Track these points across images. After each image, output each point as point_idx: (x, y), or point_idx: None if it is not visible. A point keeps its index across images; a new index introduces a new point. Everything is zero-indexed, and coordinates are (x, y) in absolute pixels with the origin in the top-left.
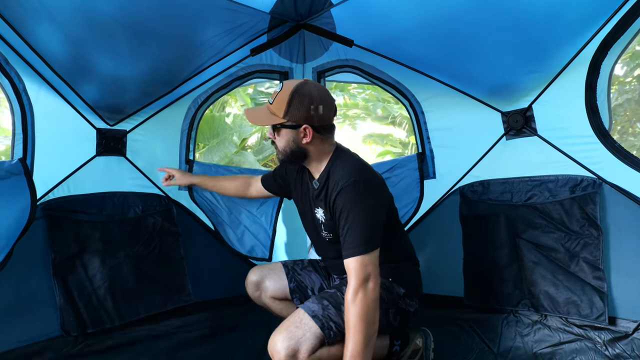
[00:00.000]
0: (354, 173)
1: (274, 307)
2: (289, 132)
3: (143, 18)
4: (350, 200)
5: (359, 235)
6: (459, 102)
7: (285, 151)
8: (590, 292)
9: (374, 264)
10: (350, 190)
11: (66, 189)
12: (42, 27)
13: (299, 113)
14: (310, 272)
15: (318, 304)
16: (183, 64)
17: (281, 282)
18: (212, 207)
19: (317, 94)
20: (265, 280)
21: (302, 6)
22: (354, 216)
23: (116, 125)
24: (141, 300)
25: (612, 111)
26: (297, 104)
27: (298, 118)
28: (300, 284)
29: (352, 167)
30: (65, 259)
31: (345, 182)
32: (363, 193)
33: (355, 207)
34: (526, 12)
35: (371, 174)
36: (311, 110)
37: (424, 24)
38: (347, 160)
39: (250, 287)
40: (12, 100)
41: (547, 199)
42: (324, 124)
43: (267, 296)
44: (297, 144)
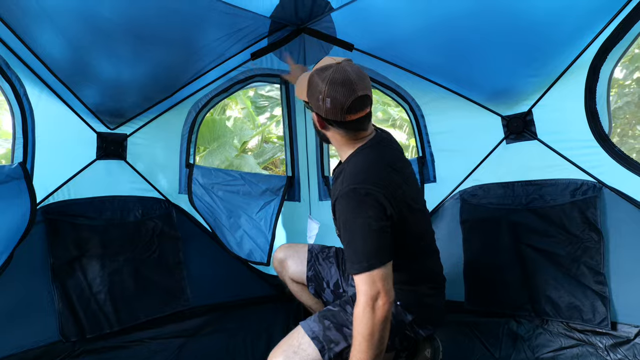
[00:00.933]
0: (356, 178)
1: (292, 287)
2: (312, 113)
3: (144, 23)
4: (347, 211)
5: (361, 251)
6: (459, 106)
7: (315, 126)
8: (592, 297)
9: (384, 279)
10: (346, 199)
11: (66, 193)
12: (43, 32)
13: (312, 98)
14: (332, 265)
15: (319, 324)
16: (184, 68)
17: (302, 266)
18: (212, 211)
19: (329, 86)
20: (288, 260)
21: (303, 10)
22: (353, 230)
23: (117, 129)
24: (140, 304)
25: (612, 114)
26: (313, 87)
27: (312, 103)
28: (318, 274)
29: (359, 170)
30: (64, 263)
31: (343, 189)
32: (360, 204)
33: (353, 220)
34: (525, 16)
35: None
36: (319, 100)
37: (423, 28)
38: (362, 161)
39: (275, 263)
40: (12, 104)
41: (547, 203)
42: (332, 118)
43: (288, 276)
44: (317, 125)
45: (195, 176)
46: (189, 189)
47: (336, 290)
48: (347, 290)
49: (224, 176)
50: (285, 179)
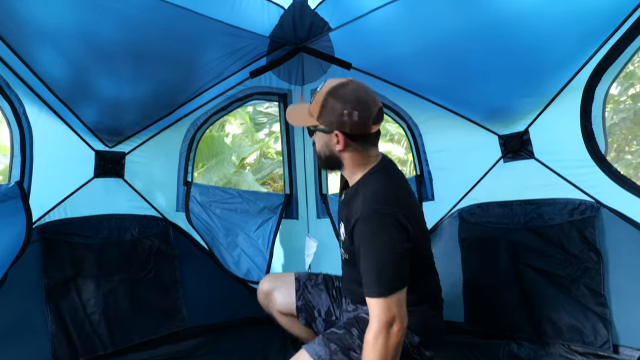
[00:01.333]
0: (377, 201)
1: (280, 320)
2: (323, 136)
3: (145, 42)
4: (368, 234)
5: (380, 276)
6: (456, 125)
7: (320, 156)
8: (594, 319)
9: (399, 305)
10: (368, 222)
11: (62, 212)
12: (44, 52)
13: (331, 117)
14: (321, 292)
15: (325, 348)
16: (183, 86)
17: (289, 297)
18: (209, 229)
19: (354, 98)
20: (274, 292)
21: (301, 30)
22: (373, 252)
23: (115, 147)
24: (135, 325)
25: (608, 130)
26: (330, 106)
27: (330, 122)
28: (308, 303)
29: (378, 192)
30: (58, 283)
31: (363, 211)
32: (382, 227)
33: (374, 243)
34: (520, 38)
35: (396, 205)
36: (344, 116)
37: (420, 48)
38: (377, 183)
39: (260, 296)
40: (11, 123)
41: (546, 223)
42: (358, 132)
43: (275, 309)
44: (331, 150)
45: (193, 194)
46: (186, 206)
47: (328, 318)
48: (341, 317)
49: (222, 194)
50: (283, 197)
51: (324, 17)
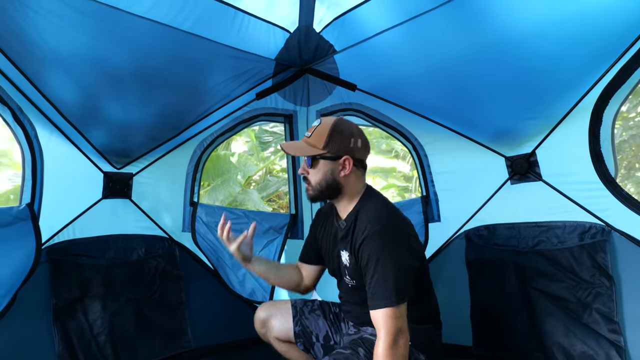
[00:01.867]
0: (384, 218)
1: (278, 348)
2: (327, 164)
3: (153, 67)
4: (379, 247)
5: (389, 287)
6: (462, 146)
7: (320, 184)
8: (607, 346)
9: (403, 316)
10: (379, 236)
11: (71, 232)
12: (55, 77)
13: (340, 145)
14: (318, 318)
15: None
16: (190, 109)
17: (286, 324)
18: (215, 249)
19: (355, 129)
20: (271, 319)
21: (307, 53)
22: (383, 265)
23: (123, 168)
24: (140, 346)
25: (617, 147)
26: (338, 136)
27: (339, 149)
28: (305, 328)
29: (382, 211)
30: (66, 304)
31: (373, 228)
32: (393, 240)
33: (385, 255)
34: (525, 60)
35: (401, 219)
36: (351, 143)
37: (425, 70)
38: (377, 203)
39: (257, 324)
40: (23, 146)
41: (555, 246)
42: (361, 158)
43: (272, 336)
44: (335, 176)
45: (199, 214)
46: (192, 227)
47: (326, 343)
48: (341, 341)
49: (228, 214)
50: (288, 217)
51: (329, 40)
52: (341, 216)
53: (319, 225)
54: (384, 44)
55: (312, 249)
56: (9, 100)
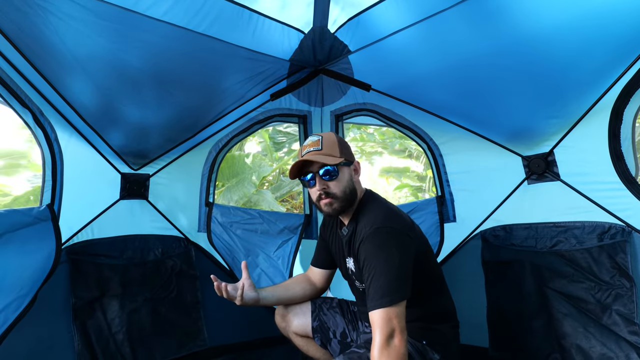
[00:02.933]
0: (378, 220)
1: (296, 342)
2: (347, 170)
3: (169, 70)
4: (373, 249)
5: (382, 286)
6: (477, 146)
7: (345, 192)
8: (627, 348)
9: (399, 317)
10: (373, 238)
11: (90, 233)
12: (75, 80)
13: (348, 151)
14: (336, 314)
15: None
16: (206, 110)
17: (305, 319)
18: (230, 249)
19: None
20: (290, 314)
21: (321, 53)
22: (377, 265)
23: (140, 169)
24: (157, 345)
25: (638, 146)
26: (344, 144)
27: (349, 155)
28: (323, 324)
29: (377, 213)
30: (85, 303)
31: (367, 231)
32: (385, 241)
33: (378, 256)
34: (543, 59)
35: (396, 220)
36: (351, 149)
37: (441, 69)
38: (373, 206)
39: (277, 318)
40: (44, 149)
41: (573, 247)
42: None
43: (291, 330)
44: (353, 181)
45: (214, 215)
46: (208, 227)
47: (343, 340)
48: (358, 339)
49: (243, 215)
50: (303, 217)
51: (343, 40)
52: (344, 223)
53: (327, 233)
54: (399, 43)
55: (323, 254)
56: (30, 103)
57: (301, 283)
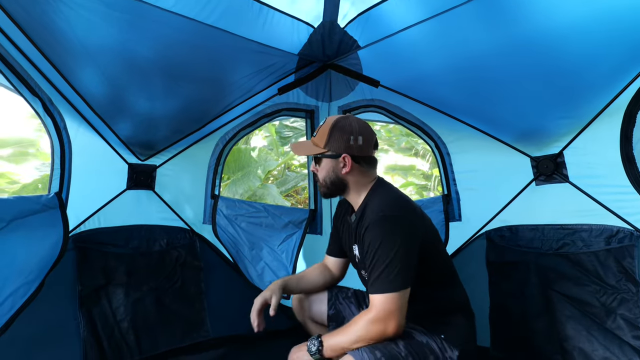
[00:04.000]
0: (384, 208)
1: (310, 328)
2: (329, 162)
3: (178, 61)
4: (377, 236)
5: (383, 272)
6: (486, 145)
7: (325, 182)
8: (630, 353)
9: (398, 306)
10: (377, 226)
11: (97, 222)
12: (84, 69)
13: (338, 143)
14: (351, 304)
15: (371, 354)
16: (213, 102)
17: (321, 306)
18: (234, 242)
19: (357, 127)
20: (307, 300)
21: (330, 48)
22: (380, 253)
23: (147, 160)
24: (161, 334)
25: None
26: (337, 134)
27: (338, 148)
28: (339, 312)
29: (384, 201)
30: (91, 291)
31: (373, 218)
32: (390, 229)
33: (382, 243)
34: (556, 58)
35: (404, 208)
36: (351, 141)
37: (451, 66)
38: (382, 194)
39: (294, 302)
40: (53, 137)
41: (580, 249)
42: (363, 154)
43: (307, 316)
44: (337, 174)
45: (219, 207)
46: (213, 219)
47: None
48: None
49: (248, 208)
50: (307, 212)
51: (353, 35)
52: (354, 210)
53: (339, 219)
54: (409, 40)
55: (337, 242)
56: (40, 91)
57: (322, 272)
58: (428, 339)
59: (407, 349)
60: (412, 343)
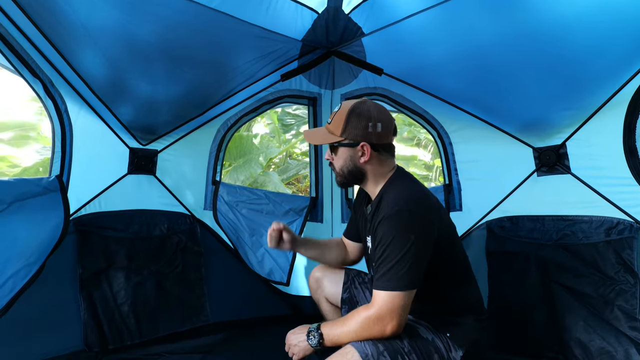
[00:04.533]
0: (400, 202)
1: (323, 307)
2: (346, 151)
3: (181, 45)
4: (390, 231)
5: (392, 269)
6: (488, 135)
7: (343, 171)
8: (626, 343)
9: (401, 305)
10: (392, 220)
11: (97, 205)
12: (85, 51)
13: (356, 131)
14: (366, 290)
15: (374, 347)
16: (215, 88)
17: (337, 287)
18: (235, 228)
19: (375, 112)
20: (325, 280)
21: (334, 34)
22: (392, 249)
23: (148, 145)
24: (161, 318)
25: None
26: (354, 121)
27: (356, 135)
28: (353, 297)
29: (401, 194)
30: (92, 274)
31: (388, 211)
32: (404, 225)
33: (394, 240)
34: (561, 48)
35: (421, 203)
36: (369, 128)
37: (455, 55)
38: (399, 187)
39: (311, 281)
40: (54, 120)
41: (580, 241)
42: (382, 142)
43: (323, 295)
44: (355, 163)
45: (220, 193)
46: (214, 205)
47: None
48: None
49: (249, 194)
50: (308, 200)
51: (357, 22)
52: (371, 199)
53: (357, 206)
54: (414, 28)
55: (354, 227)
56: (40, 73)
57: (338, 249)
58: (434, 337)
59: (411, 346)
60: (417, 340)
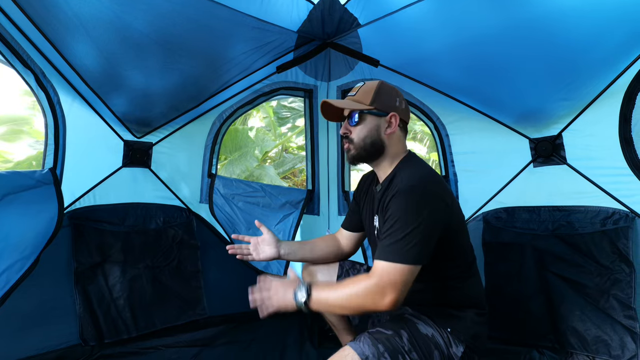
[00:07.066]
0: (415, 178)
1: None
2: (374, 120)
3: (175, 35)
4: (402, 204)
5: (399, 242)
6: (485, 127)
7: (365, 142)
8: (621, 332)
9: (404, 280)
10: (406, 195)
11: (92, 199)
12: (78, 43)
13: (387, 101)
14: None
15: (372, 347)
16: (211, 79)
17: (331, 279)
18: (231, 221)
19: (396, 91)
20: (317, 273)
21: (330, 26)
22: (403, 221)
23: (143, 137)
24: (157, 312)
25: None
26: (385, 93)
27: (387, 106)
28: None
29: (416, 172)
30: (87, 268)
31: (402, 187)
32: (418, 201)
33: (406, 213)
34: (558, 38)
35: (435, 184)
36: (397, 102)
37: (451, 46)
38: (413, 167)
39: (304, 273)
40: (46, 112)
41: (575, 231)
42: (405, 118)
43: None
44: (379, 134)
45: (216, 186)
46: (210, 198)
47: None
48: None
49: (245, 187)
50: (305, 192)
51: (353, 13)
52: (380, 180)
53: (361, 192)
54: (410, 18)
55: (354, 217)
56: (32, 64)
57: (328, 244)
58: (434, 332)
59: (412, 343)
60: (417, 336)
